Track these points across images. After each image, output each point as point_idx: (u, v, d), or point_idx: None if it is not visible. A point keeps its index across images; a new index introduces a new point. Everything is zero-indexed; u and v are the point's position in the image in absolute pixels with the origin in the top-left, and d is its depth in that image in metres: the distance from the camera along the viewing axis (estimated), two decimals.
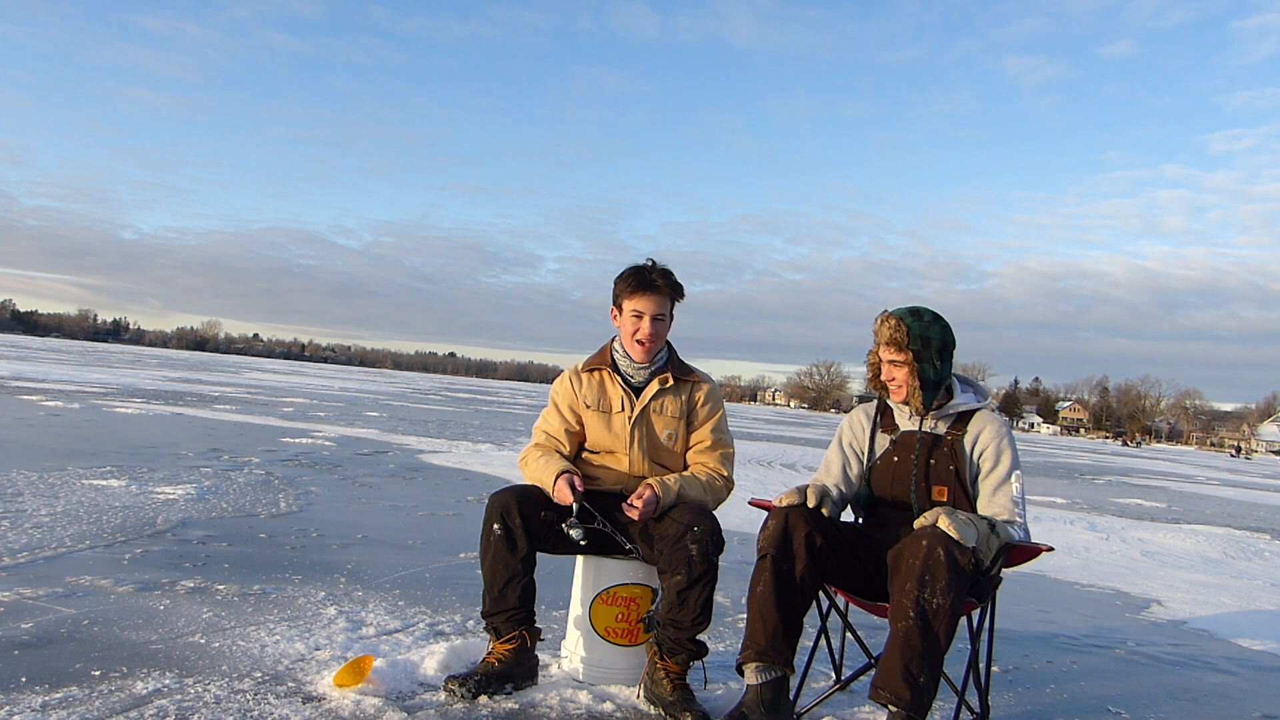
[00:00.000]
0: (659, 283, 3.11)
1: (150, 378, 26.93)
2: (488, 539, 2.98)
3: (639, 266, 3.16)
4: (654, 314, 3.10)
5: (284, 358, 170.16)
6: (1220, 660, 4.27)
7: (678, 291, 3.16)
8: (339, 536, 5.21)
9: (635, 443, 3.12)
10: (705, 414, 3.19)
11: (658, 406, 3.14)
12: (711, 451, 3.16)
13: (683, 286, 3.19)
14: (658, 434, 3.14)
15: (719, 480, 3.12)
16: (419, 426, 16.06)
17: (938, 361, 2.93)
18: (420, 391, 41.47)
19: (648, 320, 3.10)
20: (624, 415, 3.13)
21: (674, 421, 3.15)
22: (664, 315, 3.13)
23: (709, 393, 3.21)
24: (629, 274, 3.14)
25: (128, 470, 6.99)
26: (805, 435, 28.85)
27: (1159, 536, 9.14)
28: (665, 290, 3.12)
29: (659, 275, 3.12)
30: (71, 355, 46.39)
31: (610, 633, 3.07)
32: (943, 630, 2.53)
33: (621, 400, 3.15)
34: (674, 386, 3.17)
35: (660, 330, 3.13)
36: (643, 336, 3.11)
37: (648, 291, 3.10)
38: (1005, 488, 2.89)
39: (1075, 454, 37.16)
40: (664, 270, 3.15)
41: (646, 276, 3.12)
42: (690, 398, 3.19)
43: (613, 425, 3.14)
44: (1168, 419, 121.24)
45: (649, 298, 3.10)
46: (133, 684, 2.66)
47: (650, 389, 3.15)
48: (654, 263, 3.17)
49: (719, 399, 3.25)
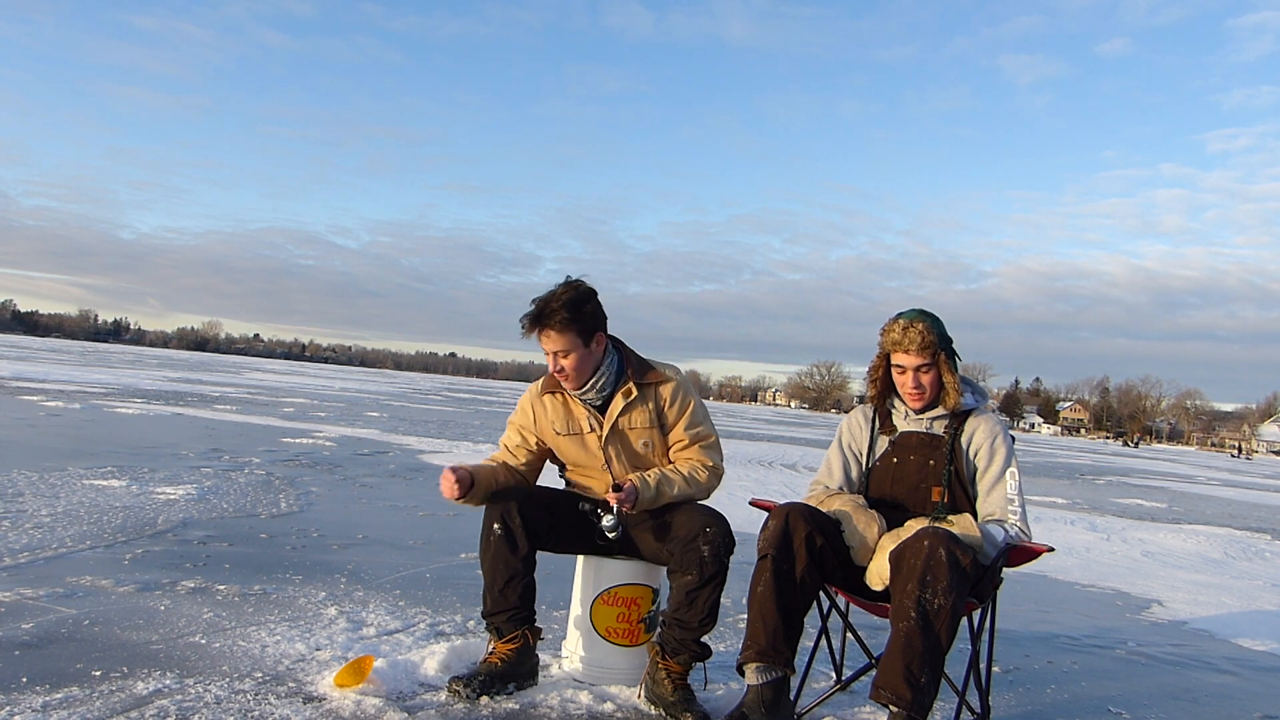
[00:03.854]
0: (552, 319, 2.88)
1: (151, 378, 26.93)
2: (488, 538, 2.98)
3: (543, 298, 2.93)
4: (553, 351, 2.93)
5: (284, 358, 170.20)
6: (1221, 660, 4.27)
7: (582, 320, 2.91)
8: (339, 537, 5.21)
9: (612, 460, 3.05)
10: (675, 413, 3.05)
11: (627, 421, 3.02)
12: (691, 446, 3.08)
13: (591, 313, 2.94)
14: (633, 446, 3.05)
15: (703, 471, 3.04)
16: (420, 427, 16.06)
17: (959, 358, 2.99)
18: (421, 392, 41.48)
19: (550, 358, 2.96)
20: (595, 435, 3.05)
21: (647, 431, 3.04)
22: (568, 350, 2.92)
23: (674, 390, 3.05)
24: (529, 311, 2.93)
25: (128, 470, 6.99)
26: (805, 435, 28.84)
27: (1159, 537, 9.14)
28: (560, 325, 2.89)
29: (554, 308, 2.89)
30: (72, 355, 46.40)
31: (611, 633, 3.07)
32: (944, 630, 2.53)
33: (589, 421, 3.04)
34: (639, 395, 3.02)
35: (567, 365, 2.94)
36: (559, 376, 3.00)
37: (539, 328, 2.92)
38: (1000, 486, 2.90)
39: (1076, 454, 37.15)
40: (567, 300, 2.90)
41: (538, 311, 2.91)
42: (657, 403, 3.05)
43: (586, 446, 3.06)
44: (1168, 419, 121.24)
45: (546, 337, 2.92)
46: (133, 684, 2.66)
47: (615, 405, 3.02)
48: (567, 283, 2.96)
49: (686, 391, 3.08)
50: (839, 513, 2.86)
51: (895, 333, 2.95)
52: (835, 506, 2.88)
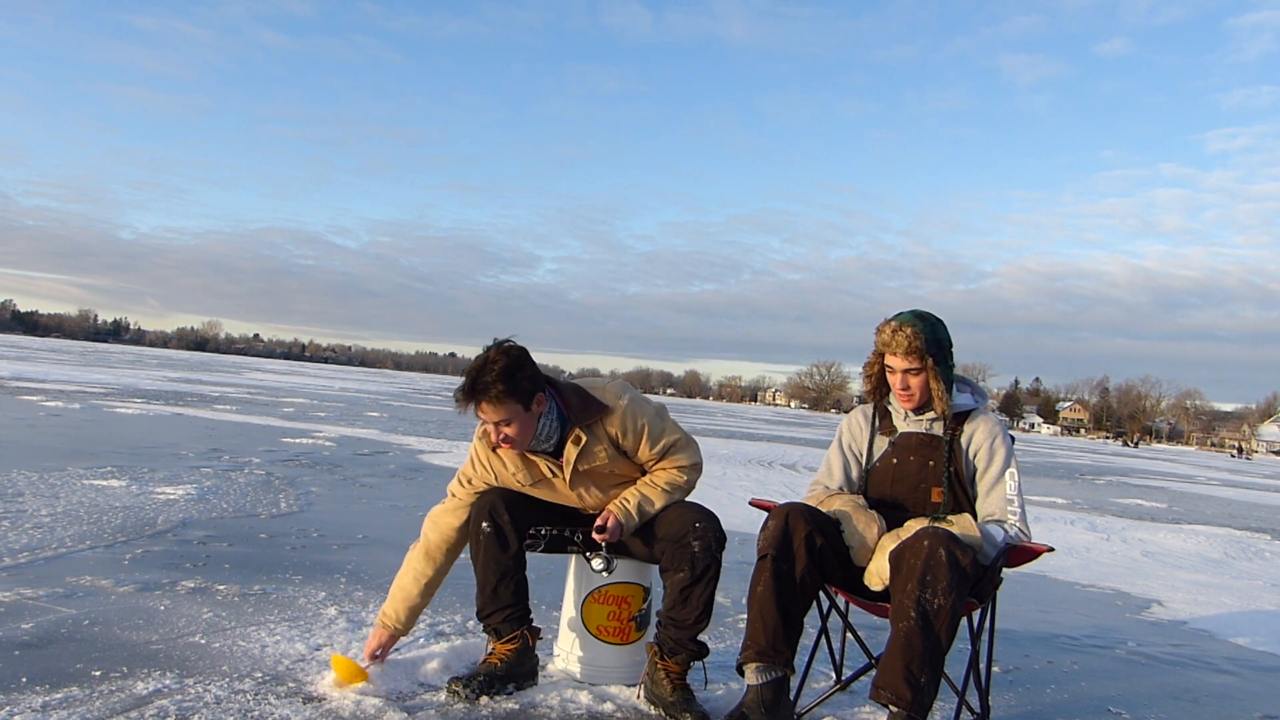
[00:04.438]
0: (487, 392, 2.74)
1: (150, 378, 26.93)
2: (477, 538, 2.98)
3: (471, 367, 2.80)
4: (497, 421, 2.80)
5: (284, 358, 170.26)
6: (1221, 660, 4.27)
7: (514, 390, 2.76)
8: (339, 537, 5.21)
9: (584, 495, 3.01)
10: (632, 441, 2.95)
11: (585, 464, 2.94)
12: (662, 460, 3.03)
13: (520, 376, 2.77)
14: (601, 477, 3.00)
15: (680, 476, 3.01)
16: (419, 427, 16.06)
17: (950, 362, 2.96)
18: (420, 392, 41.47)
19: (492, 429, 2.84)
20: (559, 480, 2.99)
21: (610, 462, 2.96)
22: (510, 418, 2.79)
23: (620, 419, 2.92)
24: (462, 384, 2.80)
25: (128, 470, 6.99)
26: (805, 435, 28.84)
27: (1159, 537, 9.15)
28: (498, 397, 2.74)
29: (486, 382, 2.74)
30: (72, 355, 46.40)
31: (602, 631, 3.07)
32: (944, 630, 2.53)
33: (549, 468, 2.97)
34: (589, 438, 2.92)
35: (511, 433, 2.82)
36: (504, 447, 2.89)
37: (473, 401, 2.78)
38: (999, 486, 2.90)
39: (1076, 454, 37.15)
40: (499, 371, 2.74)
41: (472, 384, 2.76)
42: (608, 436, 2.94)
43: (556, 489, 3.01)
44: (1168, 419, 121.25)
45: (483, 410, 2.79)
46: (133, 684, 2.66)
47: (569, 454, 2.92)
48: (497, 348, 2.81)
49: (635, 411, 2.95)
50: (839, 513, 2.86)
51: (885, 334, 2.96)
52: (835, 506, 2.89)
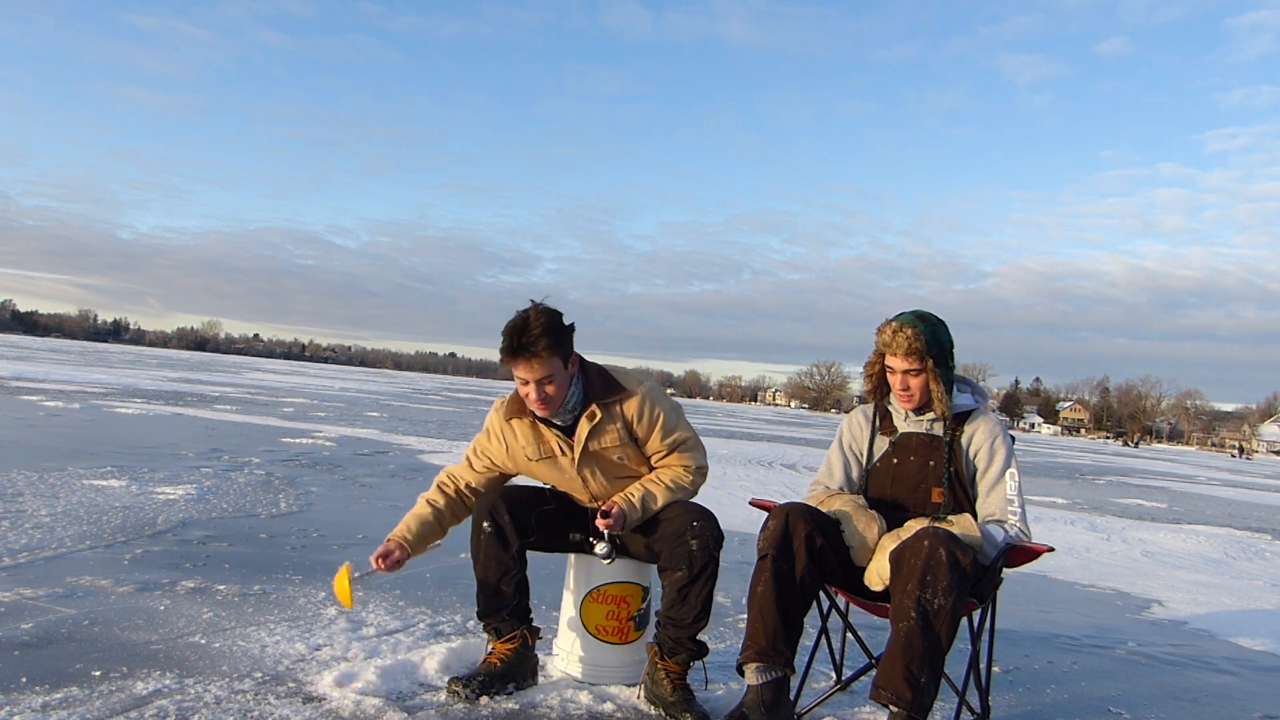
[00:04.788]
0: (534, 347, 2.77)
1: (150, 378, 26.93)
2: (478, 537, 2.98)
3: (514, 326, 2.80)
4: (537, 379, 2.82)
5: (284, 358, 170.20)
6: (1221, 660, 4.27)
7: (562, 344, 2.82)
8: (339, 537, 5.21)
9: (589, 479, 3.02)
10: (645, 427, 2.97)
11: (596, 444, 2.95)
12: (670, 455, 3.04)
13: (568, 333, 2.86)
14: (609, 461, 3.00)
15: (686, 476, 3.02)
16: (420, 427, 16.06)
17: (950, 363, 2.96)
18: (421, 392, 41.47)
19: (534, 387, 2.83)
20: (567, 459, 2.99)
21: (619, 448, 2.97)
22: (551, 376, 2.82)
23: (639, 403, 2.95)
24: (504, 334, 2.80)
25: (128, 470, 6.99)
26: (805, 435, 28.84)
27: (1159, 537, 9.14)
28: (544, 352, 2.78)
29: (535, 335, 2.77)
30: (72, 355, 46.40)
31: (601, 630, 3.07)
32: (944, 630, 2.53)
33: (558, 446, 2.97)
34: (604, 416, 2.94)
35: (550, 393, 2.84)
36: (533, 402, 2.88)
37: (521, 357, 2.78)
38: (999, 486, 2.90)
39: (1076, 454, 37.15)
40: (545, 325, 2.79)
41: (519, 341, 2.77)
42: (624, 419, 2.96)
43: (561, 469, 3.02)
44: (1168, 419, 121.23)
45: (525, 364, 2.79)
46: (133, 684, 2.66)
47: (581, 429, 2.94)
48: (533, 313, 2.82)
49: (653, 400, 2.98)
50: (839, 513, 2.86)
51: (886, 334, 2.96)
52: (835, 506, 2.88)
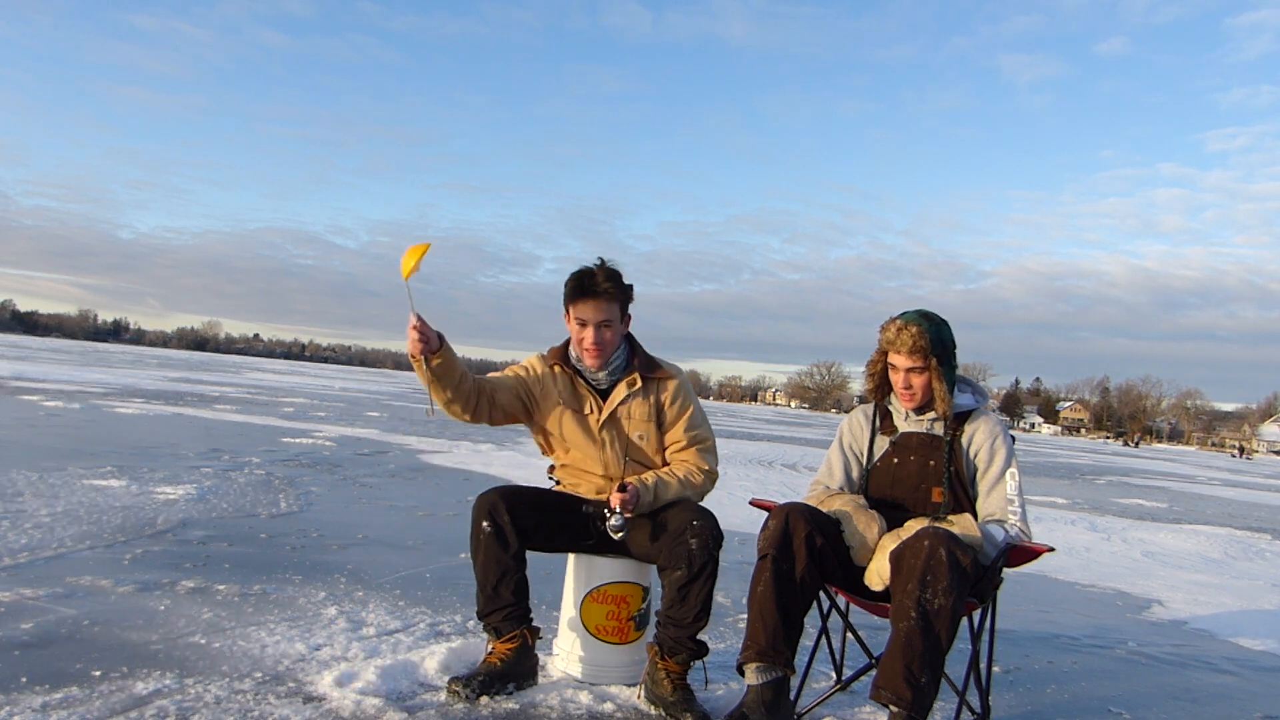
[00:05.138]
0: (601, 287, 2.98)
1: (150, 378, 26.93)
2: (478, 537, 2.98)
3: (583, 269, 3.03)
4: (598, 321, 3.00)
5: (284, 358, 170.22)
6: (1221, 660, 4.27)
7: (624, 293, 3.05)
8: (339, 537, 5.21)
9: (607, 445, 3.08)
10: (675, 412, 3.11)
11: (625, 411, 3.08)
12: (688, 449, 3.11)
13: (631, 287, 3.08)
14: (629, 436, 3.09)
15: (698, 475, 3.08)
16: (419, 426, 16.05)
17: (953, 362, 2.97)
18: (421, 391, 41.36)
19: (591, 328, 3.00)
20: (594, 417, 3.09)
21: (644, 424, 3.09)
22: (610, 320, 3.02)
23: (676, 389, 3.12)
24: (571, 278, 3.03)
25: (128, 470, 6.99)
26: (805, 435, 28.84)
27: (1160, 537, 9.15)
28: (608, 294, 2.99)
29: (601, 278, 3.00)
30: (72, 355, 46.39)
31: (601, 630, 3.08)
32: (944, 630, 2.53)
33: (589, 403, 3.10)
34: (641, 388, 3.09)
35: (607, 337, 3.03)
36: (588, 345, 3.02)
37: (588, 297, 2.99)
38: (1000, 486, 2.90)
39: (1076, 454, 37.15)
40: (610, 271, 3.03)
41: (587, 281, 3.00)
42: (658, 398, 3.10)
43: (587, 425, 3.10)
44: (1169, 419, 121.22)
45: (590, 304, 2.99)
46: (133, 684, 2.66)
47: (617, 393, 3.07)
48: (603, 263, 3.05)
49: (688, 392, 3.15)
50: (839, 513, 2.86)
51: (890, 332, 2.96)
52: (835, 506, 2.89)
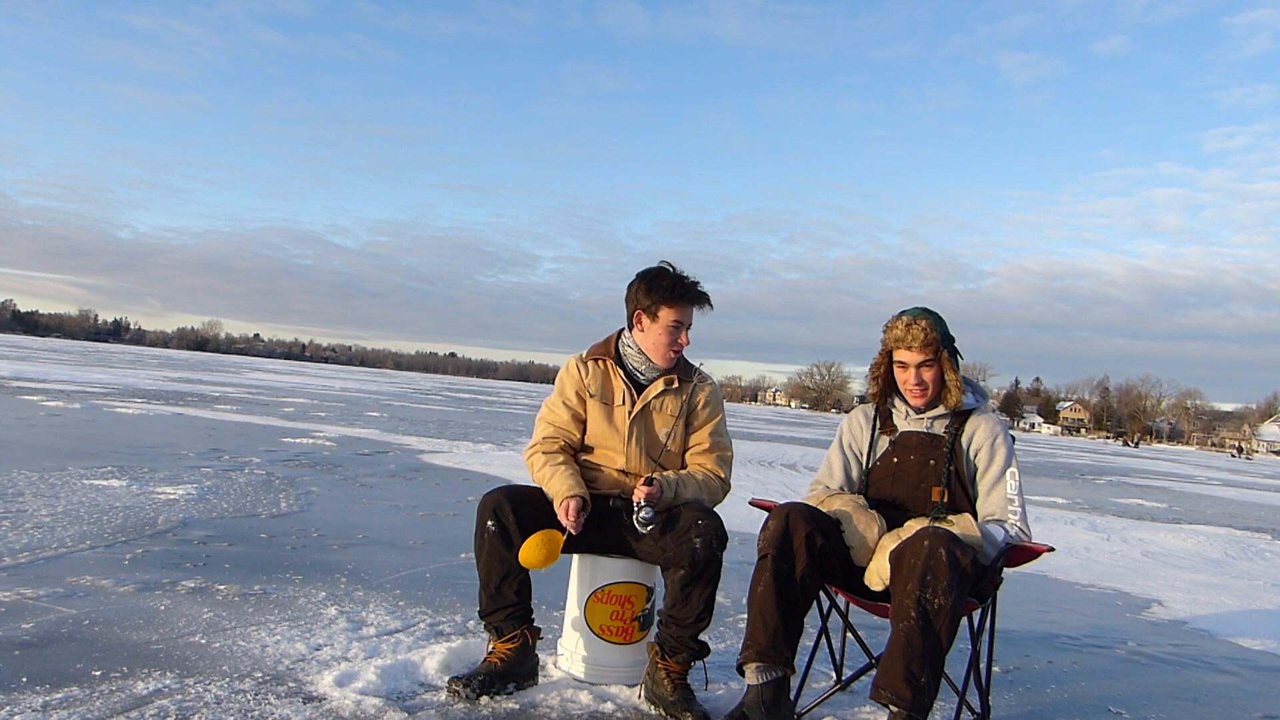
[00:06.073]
0: (702, 298, 3.12)
1: (151, 378, 26.93)
2: (482, 537, 2.98)
3: (676, 276, 3.11)
4: (689, 325, 3.13)
5: (285, 358, 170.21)
6: (1221, 660, 4.27)
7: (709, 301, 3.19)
8: (340, 537, 5.21)
9: (634, 438, 3.11)
10: (705, 416, 3.18)
11: (658, 405, 3.14)
12: (709, 454, 3.15)
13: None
14: (656, 431, 3.13)
15: (715, 481, 3.12)
16: (420, 427, 16.05)
17: (958, 356, 2.99)
18: (421, 392, 41.46)
19: (684, 332, 3.12)
20: (624, 409, 3.13)
21: (673, 420, 3.14)
22: (691, 326, 3.16)
23: (710, 395, 3.21)
24: (668, 283, 3.09)
25: (128, 470, 6.99)
26: (805, 435, 28.84)
27: (1160, 537, 9.15)
28: (703, 303, 3.13)
29: (705, 295, 3.13)
30: (72, 355, 46.40)
31: (605, 630, 3.07)
32: (944, 630, 2.53)
33: (623, 394, 3.14)
34: (677, 387, 3.16)
35: (685, 342, 3.15)
36: (674, 347, 3.12)
37: (690, 303, 3.10)
38: (1000, 486, 2.90)
39: (1076, 454, 37.14)
40: (695, 280, 3.15)
41: (689, 287, 3.09)
42: (691, 399, 3.18)
43: (613, 418, 3.13)
44: (1168, 419, 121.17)
45: (689, 309, 3.11)
46: (133, 684, 2.66)
47: (655, 387, 3.14)
48: (673, 268, 3.13)
49: (719, 401, 3.24)
50: (839, 513, 2.86)
51: (898, 329, 2.96)
52: (835, 506, 2.89)
